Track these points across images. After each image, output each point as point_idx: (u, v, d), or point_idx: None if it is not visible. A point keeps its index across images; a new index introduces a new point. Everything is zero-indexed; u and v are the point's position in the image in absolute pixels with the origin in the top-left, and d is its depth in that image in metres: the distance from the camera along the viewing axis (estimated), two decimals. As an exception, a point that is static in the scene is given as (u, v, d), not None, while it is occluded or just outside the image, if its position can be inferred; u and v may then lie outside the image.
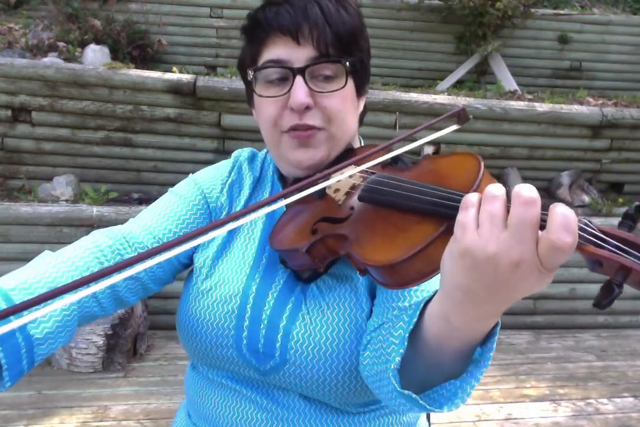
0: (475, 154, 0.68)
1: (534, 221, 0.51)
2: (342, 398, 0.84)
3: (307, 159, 0.87)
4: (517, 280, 0.53)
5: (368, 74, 0.93)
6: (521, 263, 0.52)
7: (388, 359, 0.69)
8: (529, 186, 0.53)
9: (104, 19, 5.12)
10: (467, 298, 0.57)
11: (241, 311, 0.85)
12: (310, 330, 0.82)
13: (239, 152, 1.03)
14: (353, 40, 0.86)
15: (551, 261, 0.51)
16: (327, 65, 0.84)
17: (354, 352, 0.81)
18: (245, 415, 0.86)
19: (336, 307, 0.83)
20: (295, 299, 0.85)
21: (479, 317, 0.59)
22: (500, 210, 0.53)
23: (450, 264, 0.57)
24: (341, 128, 0.88)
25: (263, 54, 0.86)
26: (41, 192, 3.74)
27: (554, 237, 0.49)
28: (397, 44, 5.73)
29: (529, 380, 3.08)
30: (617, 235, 0.51)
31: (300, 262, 0.79)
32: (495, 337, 0.66)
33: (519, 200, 0.52)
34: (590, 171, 4.61)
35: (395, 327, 0.72)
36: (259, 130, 0.92)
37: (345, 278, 0.85)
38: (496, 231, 0.53)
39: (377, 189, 0.73)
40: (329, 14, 0.83)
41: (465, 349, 0.65)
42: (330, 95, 0.85)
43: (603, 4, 6.66)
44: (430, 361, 0.68)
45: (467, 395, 0.66)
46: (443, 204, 0.62)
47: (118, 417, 2.56)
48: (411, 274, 0.63)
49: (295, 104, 0.82)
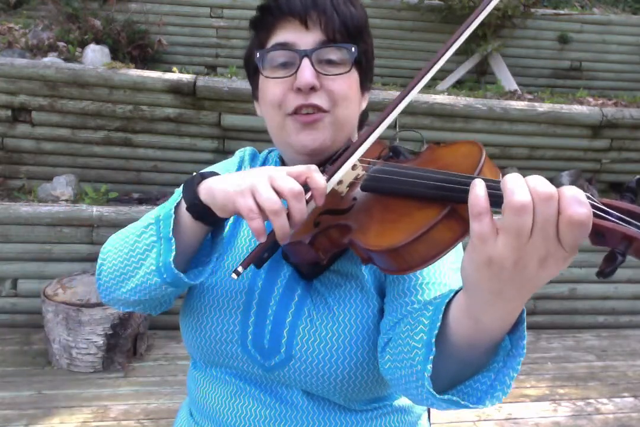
0: (477, 142, 0.68)
1: (555, 214, 0.50)
2: (347, 395, 0.84)
3: (311, 141, 0.87)
4: (546, 272, 0.53)
5: (371, 71, 0.95)
6: (548, 257, 0.52)
7: (413, 363, 0.68)
8: (542, 180, 0.51)
9: (104, 19, 5.12)
10: (496, 298, 0.57)
11: (247, 306, 0.86)
12: (316, 325, 0.82)
13: (242, 151, 1.04)
14: (359, 31, 0.88)
15: (573, 240, 0.50)
16: (334, 50, 0.85)
17: (360, 348, 0.81)
18: (248, 412, 0.86)
19: (342, 303, 0.83)
20: (301, 294, 0.85)
21: (509, 311, 0.59)
22: (530, 223, 0.51)
23: (476, 272, 0.56)
24: (345, 113, 0.88)
25: (271, 38, 0.88)
26: (41, 192, 3.74)
27: (571, 212, 0.49)
28: (397, 44, 5.73)
29: (528, 380, 3.08)
30: (619, 206, 0.52)
31: (303, 255, 0.79)
32: (523, 324, 0.64)
33: (539, 199, 0.50)
34: (590, 171, 4.61)
35: (415, 331, 0.70)
36: (259, 130, 0.92)
37: (351, 275, 0.85)
38: (524, 240, 0.51)
39: (379, 178, 0.73)
40: (337, 4, 0.86)
41: (493, 344, 0.65)
42: (335, 78, 0.86)
43: (603, 4, 6.66)
44: (459, 359, 0.67)
45: (508, 387, 0.65)
46: (445, 187, 0.62)
47: (118, 417, 2.56)
48: (414, 258, 0.63)
49: (302, 84, 0.83)
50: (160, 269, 0.76)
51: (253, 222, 0.66)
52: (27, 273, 3.35)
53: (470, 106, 4.18)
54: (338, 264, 0.85)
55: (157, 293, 0.81)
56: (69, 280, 3.04)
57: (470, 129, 4.26)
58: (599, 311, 3.89)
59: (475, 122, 4.24)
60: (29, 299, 3.31)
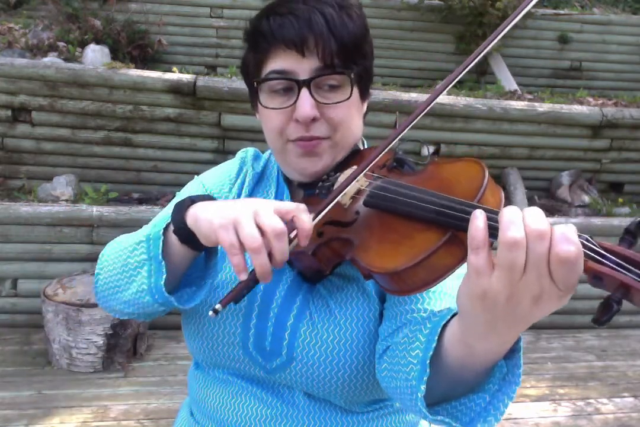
0: (480, 162, 0.68)
1: (548, 252, 0.50)
2: (348, 397, 0.84)
3: (311, 166, 0.87)
4: (540, 310, 0.53)
5: (371, 78, 0.93)
6: (542, 295, 0.52)
7: (408, 378, 0.68)
8: (538, 216, 0.51)
9: (104, 19, 5.12)
10: (489, 330, 0.57)
11: (249, 309, 0.86)
12: (318, 328, 0.82)
13: (244, 152, 1.03)
14: (357, 48, 0.85)
15: (565, 278, 0.50)
16: (333, 76, 0.84)
17: (361, 351, 0.82)
18: (249, 411, 0.87)
19: (344, 306, 0.83)
20: (303, 297, 0.85)
21: (502, 342, 0.60)
22: (523, 259, 0.51)
23: (469, 303, 0.56)
24: (346, 135, 0.88)
25: (267, 64, 0.86)
26: (41, 192, 3.74)
27: (558, 249, 0.49)
28: (397, 44, 5.73)
29: (529, 380, 3.08)
30: (617, 251, 0.51)
31: (306, 263, 0.79)
32: (520, 352, 0.65)
33: (533, 236, 0.50)
34: (590, 171, 4.61)
35: (412, 346, 0.70)
36: (259, 130, 0.92)
37: (353, 279, 0.85)
38: (517, 276, 0.52)
39: (381, 196, 0.73)
40: (333, 24, 0.82)
41: (488, 366, 0.65)
42: (336, 106, 0.85)
43: (603, 4, 6.66)
44: (451, 379, 0.67)
45: (501, 414, 0.65)
46: (446, 214, 0.62)
47: (118, 417, 2.56)
48: (415, 281, 0.64)
49: (302, 117, 0.82)
50: (152, 289, 0.77)
51: (234, 258, 0.65)
52: (27, 273, 3.35)
53: (470, 106, 4.18)
54: (341, 268, 0.86)
55: (150, 310, 0.82)
56: (69, 280, 3.04)
57: (470, 129, 4.26)
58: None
59: (475, 122, 4.24)
60: (29, 299, 3.31)
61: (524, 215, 0.52)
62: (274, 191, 0.97)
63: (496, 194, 0.65)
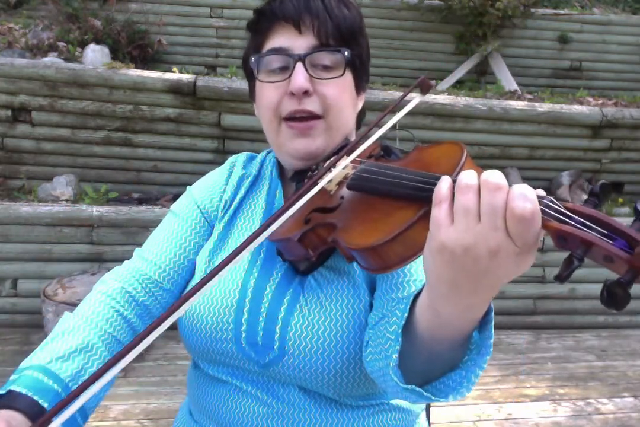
0: (460, 143, 0.69)
1: (504, 207, 0.52)
2: (341, 390, 0.85)
3: (304, 148, 0.89)
4: (498, 266, 0.54)
5: (367, 72, 0.96)
6: (499, 250, 0.53)
7: (387, 355, 0.70)
8: (495, 172, 0.54)
9: (104, 19, 5.12)
10: (452, 290, 0.58)
11: (240, 304, 0.87)
12: (309, 321, 0.83)
13: (234, 157, 1.06)
14: (352, 35, 0.89)
15: (521, 235, 0.52)
16: (327, 55, 0.87)
17: (352, 343, 0.83)
18: (246, 409, 0.88)
19: (334, 298, 0.85)
20: (293, 291, 0.86)
21: (467, 306, 0.60)
22: (474, 202, 0.54)
23: (431, 259, 0.58)
24: (338, 118, 0.90)
25: (266, 43, 0.90)
26: (41, 192, 3.74)
27: (513, 205, 0.51)
28: (397, 44, 5.73)
29: (528, 380, 3.08)
30: (580, 211, 0.53)
31: (294, 251, 0.80)
32: (491, 323, 0.67)
33: (487, 188, 0.53)
34: (590, 171, 4.61)
35: (390, 323, 0.73)
36: (259, 130, 0.94)
37: (343, 271, 0.87)
38: (471, 223, 0.54)
39: (363, 177, 0.75)
40: (331, 8, 0.87)
41: (460, 338, 0.66)
42: (328, 82, 0.88)
43: (603, 4, 6.66)
44: (427, 352, 0.68)
45: (472, 384, 0.67)
46: (421, 188, 0.63)
47: (118, 417, 2.56)
48: (392, 257, 0.65)
49: (295, 88, 0.85)
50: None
51: None
52: (27, 273, 3.35)
53: (470, 106, 4.18)
54: (332, 260, 0.87)
55: None
56: (69, 280, 3.04)
57: (470, 129, 4.26)
58: (598, 310, 3.89)
59: (475, 122, 4.24)
60: (29, 299, 3.31)
61: (483, 172, 0.55)
62: (267, 189, 0.98)
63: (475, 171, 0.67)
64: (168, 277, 0.94)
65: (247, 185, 0.99)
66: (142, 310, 0.92)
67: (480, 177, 0.55)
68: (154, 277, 0.93)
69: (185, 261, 0.95)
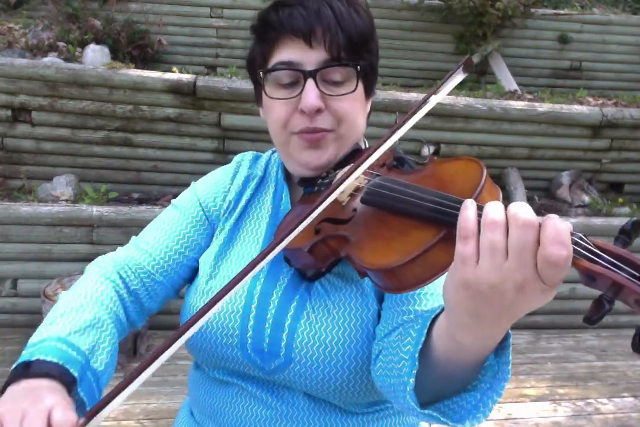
0: (479, 161, 0.67)
1: (534, 243, 0.50)
2: (347, 398, 0.84)
3: (314, 159, 0.87)
4: (523, 301, 0.53)
5: (376, 75, 0.93)
6: (525, 286, 0.52)
7: (400, 374, 0.69)
8: (524, 207, 0.52)
9: (104, 19, 5.12)
10: (473, 321, 0.57)
11: (246, 310, 0.85)
12: (316, 329, 0.82)
13: (240, 156, 1.03)
14: (364, 43, 0.86)
15: (551, 276, 0.50)
16: (338, 69, 0.84)
17: (359, 352, 0.81)
18: (249, 412, 0.87)
19: (342, 306, 0.83)
20: (300, 297, 0.85)
21: (486, 336, 0.59)
22: (502, 241, 0.51)
23: (454, 293, 0.56)
24: (350, 129, 0.88)
25: (274, 54, 0.86)
26: (41, 192, 3.74)
27: (548, 251, 0.49)
28: (397, 44, 5.72)
29: (528, 380, 3.08)
30: (611, 250, 0.51)
31: (303, 261, 0.79)
32: (509, 349, 0.65)
33: (516, 224, 0.51)
34: (590, 171, 4.61)
35: (404, 342, 0.71)
36: (259, 130, 0.93)
37: (352, 278, 0.85)
38: (498, 260, 0.52)
39: (379, 193, 0.73)
40: (341, 17, 0.83)
41: (476, 362, 0.65)
42: (340, 98, 0.85)
43: (603, 4, 6.66)
44: (441, 374, 0.67)
45: (489, 410, 0.65)
46: (441, 211, 0.62)
47: (118, 417, 2.55)
48: (409, 278, 0.63)
49: (307, 107, 0.82)
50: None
51: None
52: (27, 273, 3.35)
53: (470, 106, 4.18)
54: (340, 267, 0.85)
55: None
56: (69, 280, 3.04)
57: (470, 129, 4.26)
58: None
59: (475, 122, 4.24)
60: (29, 299, 3.31)
61: (510, 205, 0.53)
62: (273, 191, 0.96)
63: (494, 193, 0.65)
64: (162, 270, 0.93)
65: (253, 187, 0.97)
66: (133, 297, 0.92)
67: (507, 210, 0.52)
68: (147, 268, 0.92)
69: (181, 257, 0.94)
